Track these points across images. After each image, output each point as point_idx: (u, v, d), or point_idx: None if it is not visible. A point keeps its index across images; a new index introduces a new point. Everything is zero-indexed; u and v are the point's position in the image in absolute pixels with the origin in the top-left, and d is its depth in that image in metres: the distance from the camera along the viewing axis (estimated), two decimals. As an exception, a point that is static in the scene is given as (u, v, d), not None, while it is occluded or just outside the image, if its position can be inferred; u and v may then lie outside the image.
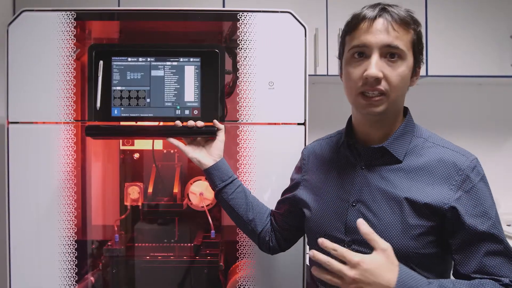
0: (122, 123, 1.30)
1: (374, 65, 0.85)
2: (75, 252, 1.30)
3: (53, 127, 1.30)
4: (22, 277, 1.30)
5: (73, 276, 1.30)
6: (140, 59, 1.23)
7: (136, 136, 1.41)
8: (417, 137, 0.95)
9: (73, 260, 1.30)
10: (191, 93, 1.23)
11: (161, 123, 1.31)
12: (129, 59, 1.24)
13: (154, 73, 1.24)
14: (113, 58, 1.23)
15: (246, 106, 1.30)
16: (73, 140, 1.30)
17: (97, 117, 1.22)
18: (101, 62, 1.22)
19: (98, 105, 1.22)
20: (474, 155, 0.91)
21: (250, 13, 1.30)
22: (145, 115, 1.23)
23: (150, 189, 1.45)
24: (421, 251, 0.87)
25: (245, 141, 1.30)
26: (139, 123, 1.25)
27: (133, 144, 1.50)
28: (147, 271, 1.43)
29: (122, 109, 1.23)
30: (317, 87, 2.09)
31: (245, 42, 1.30)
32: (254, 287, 1.31)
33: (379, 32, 0.86)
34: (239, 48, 1.30)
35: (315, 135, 1.22)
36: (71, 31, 1.29)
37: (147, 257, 1.46)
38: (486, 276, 0.85)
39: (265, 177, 1.30)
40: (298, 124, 1.30)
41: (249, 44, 1.30)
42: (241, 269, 1.31)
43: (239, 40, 1.30)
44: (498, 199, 2.10)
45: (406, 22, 0.87)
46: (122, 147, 1.50)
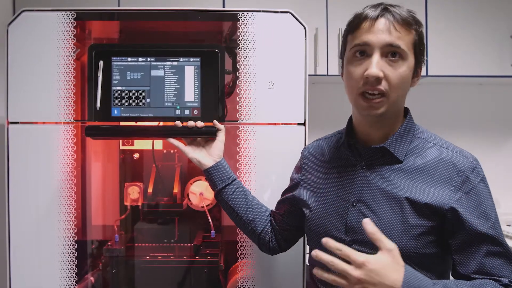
0: (122, 123, 1.29)
1: (375, 65, 0.86)
2: (75, 252, 1.30)
3: (53, 127, 1.30)
4: (22, 277, 1.30)
5: (73, 277, 1.30)
6: (140, 59, 1.23)
7: (136, 137, 1.41)
8: (417, 137, 0.95)
9: (73, 260, 1.30)
10: (191, 93, 1.23)
11: (161, 123, 1.31)
12: (129, 59, 1.23)
13: (154, 73, 1.24)
14: (113, 58, 1.23)
15: (246, 106, 1.30)
16: (73, 140, 1.30)
17: (97, 117, 1.22)
18: (101, 62, 1.22)
19: (98, 105, 1.22)
20: (474, 156, 0.91)
21: (250, 13, 1.30)
22: (145, 115, 1.23)
23: (150, 189, 1.45)
24: (421, 251, 0.87)
25: (245, 141, 1.30)
26: (139, 123, 1.25)
27: (133, 144, 1.50)
28: (147, 271, 1.43)
29: (122, 109, 1.23)
30: (317, 87, 2.09)
31: (245, 42, 1.30)
32: (254, 287, 1.31)
33: (380, 32, 0.86)
34: (239, 48, 1.30)
35: (315, 135, 1.21)
36: (71, 31, 1.29)
37: (147, 257, 1.46)
38: (486, 276, 0.85)
39: (265, 177, 1.30)
40: (298, 124, 1.30)
41: (249, 44, 1.30)
42: (241, 269, 1.31)
43: (239, 40, 1.30)
44: (498, 199, 2.11)
45: (408, 23, 0.87)
46: (122, 147, 1.50)
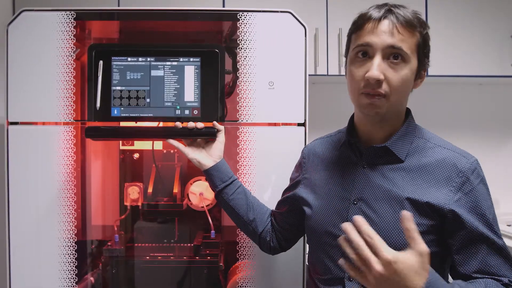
0: (122, 123, 1.29)
1: (376, 67, 0.86)
2: (75, 253, 1.30)
3: (53, 128, 1.30)
4: (22, 277, 1.29)
5: (73, 277, 1.30)
6: (140, 59, 1.23)
7: (136, 138, 1.41)
8: (418, 138, 0.95)
9: (73, 261, 1.30)
10: (191, 93, 1.23)
11: (161, 123, 1.31)
12: (129, 59, 1.23)
13: (154, 73, 1.23)
14: (113, 58, 1.23)
15: (246, 106, 1.30)
16: (72, 141, 1.30)
17: (97, 117, 1.22)
18: (101, 62, 1.22)
19: (98, 105, 1.22)
20: (474, 156, 0.91)
21: (250, 13, 1.30)
22: (145, 115, 1.23)
23: (150, 189, 1.45)
24: None
25: (245, 142, 1.29)
26: (139, 123, 1.25)
27: (133, 144, 1.50)
28: (147, 271, 1.43)
29: (122, 109, 1.23)
30: (317, 87, 2.09)
31: (245, 42, 1.30)
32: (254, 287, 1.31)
33: (383, 33, 0.86)
34: (239, 48, 1.30)
35: (315, 135, 1.21)
36: (71, 31, 1.29)
37: (147, 257, 1.46)
38: (486, 275, 0.85)
39: (265, 178, 1.30)
40: (298, 124, 1.30)
41: (249, 44, 1.30)
42: (241, 269, 1.31)
43: (239, 40, 1.30)
44: (498, 199, 2.11)
45: (412, 25, 0.87)
46: (122, 147, 1.50)
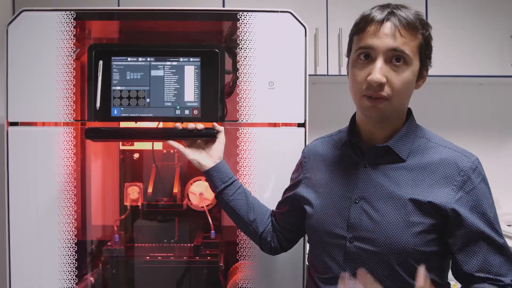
0: (121, 123, 1.29)
1: (378, 70, 0.86)
2: (75, 253, 1.30)
3: (53, 129, 1.30)
4: (22, 277, 1.29)
5: (73, 277, 1.30)
6: (140, 59, 1.23)
7: (136, 139, 1.41)
8: (419, 137, 0.95)
9: (73, 261, 1.30)
10: (191, 93, 1.23)
11: (160, 124, 1.31)
12: (129, 59, 1.23)
13: (154, 73, 1.23)
14: (112, 58, 1.23)
15: (246, 106, 1.30)
16: (72, 142, 1.29)
17: (96, 117, 1.22)
18: (100, 62, 1.22)
19: (98, 105, 1.21)
20: (475, 155, 0.91)
21: (250, 13, 1.29)
22: (145, 115, 1.23)
23: (150, 189, 1.45)
24: (422, 248, 0.88)
25: (245, 143, 1.29)
26: (138, 123, 1.25)
27: (132, 144, 1.50)
28: (146, 271, 1.43)
29: (122, 109, 1.23)
30: (317, 87, 2.09)
31: (245, 42, 1.30)
32: (254, 288, 1.31)
33: (385, 36, 0.86)
34: (239, 48, 1.30)
35: (315, 135, 1.21)
36: (71, 31, 1.29)
37: (147, 257, 1.46)
38: (489, 275, 0.86)
39: (265, 179, 1.30)
40: (298, 124, 1.30)
41: (249, 44, 1.29)
42: (241, 269, 1.31)
43: (239, 40, 1.30)
44: (498, 199, 2.11)
45: (414, 27, 0.87)
46: (121, 147, 1.50)
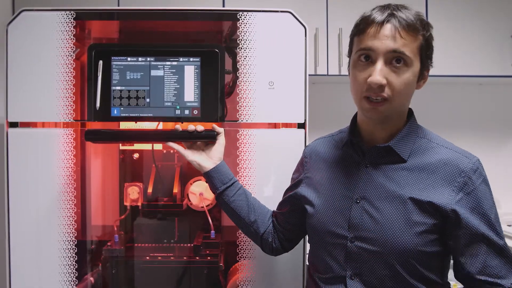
0: (121, 123, 1.29)
1: (378, 72, 0.86)
2: (75, 254, 1.30)
3: (53, 131, 1.30)
4: (22, 277, 1.29)
5: (73, 278, 1.30)
6: (140, 59, 1.23)
7: (136, 141, 1.41)
8: (421, 137, 0.95)
9: (73, 261, 1.30)
10: (191, 93, 1.23)
11: (160, 123, 1.31)
12: (129, 59, 1.23)
13: (153, 73, 1.23)
14: (112, 58, 1.23)
15: (246, 106, 1.29)
16: (72, 144, 1.29)
17: (96, 117, 1.22)
18: (100, 62, 1.22)
19: (98, 105, 1.21)
20: (476, 156, 0.91)
21: (250, 13, 1.29)
22: (144, 115, 1.23)
23: (149, 189, 1.45)
24: (423, 248, 0.88)
25: (245, 144, 1.29)
26: (138, 123, 1.25)
27: (132, 144, 1.50)
28: (146, 271, 1.43)
29: (122, 109, 1.23)
30: (317, 87, 2.09)
31: (245, 42, 1.29)
32: (254, 288, 1.31)
33: (385, 38, 0.86)
34: (239, 48, 1.30)
35: (315, 135, 1.21)
36: (71, 30, 1.29)
37: (147, 257, 1.45)
38: (488, 277, 0.86)
39: (265, 180, 1.29)
40: (298, 124, 1.30)
41: (249, 44, 1.29)
42: (241, 269, 1.31)
43: (239, 40, 1.29)
44: (498, 199, 2.11)
45: (414, 29, 0.87)
46: (121, 147, 1.50)
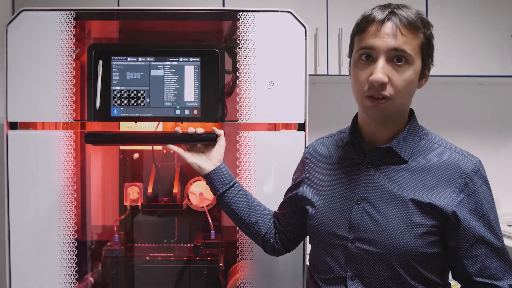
0: (121, 123, 1.29)
1: (380, 70, 0.86)
2: (75, 253, 1.30)
3: (53, 132, 1.30)
4: (22, 277, 1.29)
5: (73, 281, 1.30)
6: (140, 59, 1.23)
7: (136, 143, 1.41)
8: (422, 138, 0.95)
9: (73, 261, 1.30)
10: (190, 93, 1.23)
11: (160, 123, 1.31)
12: (129, 58, 1.23)
13: (153, 73, 1.23)
14: (112, 58, 1.23)
15: (246, 106, 1.29)
16: (72, 144, 1.29)
17: (96, 117, 1.22)
18: (100, 62, 1.22)
19: (98, 105, 1.21)
20: (477, 158, 0.91)
21: (250, 13, 1.29)
22: (144, 115, 1.23)
23: (149, 189, 1.45)
24: (423, 250, 0.87)
25: (245, 147, 1.29)
26: (138, 123, 1.25)
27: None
28: (146, 271, 1.43)
29: (122, 109, 1.23)
30: (317, 87, 2.09)
31: (245, 42, 1.29)
32: (254, 288, 1.31)
33: (386, 36, 0.86)
34: (239, 48, 1.29)
35: (315, 135, 1.21)
36: (71, 30, 1.29)
37: (147, 257, 1.45)
38: (486, 279, 0.86)
39: (264, 182, 1.29)
40: (298, 124, 1.30)
41: (249, 44, 1.29)
42: (241, 269, 1.31)
43: (239, 40, 1.29)
44: (498, 199, 2.11)
45: (415, 26, 0.87)
46: (121, 147, 1.50)
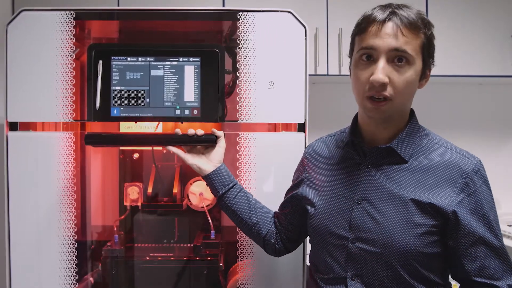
0: (121, 123, 1.29)
1: (381, 70, 0.85)
2: (75, 257, 1.30)
3: (53, 134, 1.30)
4: (22, 277, 1.29)
5: (73, 281, 1.30)
6: (140, 58, 1.23)
7: (136, 145, 1.41)
8: (422, 138, 0.95)
9: (73, 262, 1.30)
10: (190, 93, 1.23)
11: (160, 123, 1.31)
12: (129, 58, 1.23)
13: (153, 73, 1.23)
14: (112, 57, 1.23)
15: (246, 106, 1.29)
16: (72, 146, 1.29)
17: (96, 117, 1.22)
18: (100, 62, 1.22)
19: (98, 105, 1.21)
20: (478, 157, 0.91)
21: (250, 13, 1.29)
22: (144, 115, 1.23)
23: (149, 189, 1.45)
24: (424, 249, 0.87)
25: (245, 148, 1.29)
26: (138, 123, 1.25)
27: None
28: (146, 271, 1.43)
29: (122, 109, 1.23)
30: (317, 87, 2.09)
31: (245, 42, 1.29)
32: (254, 288, 1.31)
33: (387, 36, 0.85)
34: (239, 48, 1.29)
35: (315, 135, 1.21)
36: (70, 30, 1.29)
37: (147, 257, 1.45)
38: (485, 279, 0.86)
39: (265, 184, 1.29)
40: (298, 124, 1.30)
41: (249, 43, 1.29)
42: (241, 269, 1.31)
43: (239, 39, 1.29)
44: (498, 199, 2.11)
45: (416, 27, 0.87)
46: (121, 147, 1.50)
